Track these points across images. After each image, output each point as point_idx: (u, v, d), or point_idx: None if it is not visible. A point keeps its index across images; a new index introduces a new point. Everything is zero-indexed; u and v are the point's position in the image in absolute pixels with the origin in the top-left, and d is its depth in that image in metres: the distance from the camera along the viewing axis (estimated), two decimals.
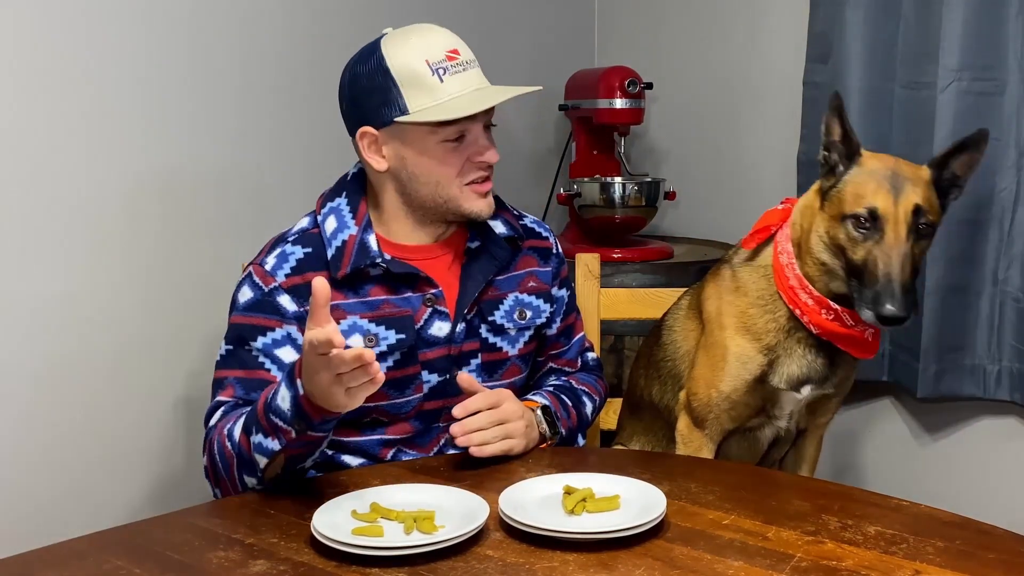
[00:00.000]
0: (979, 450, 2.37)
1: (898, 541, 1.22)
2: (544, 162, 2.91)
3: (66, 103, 1.86)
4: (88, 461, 1.95)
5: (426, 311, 1.55)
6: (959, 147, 1.58)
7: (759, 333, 1.65)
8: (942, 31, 2.12)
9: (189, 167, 2.06)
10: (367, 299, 1.53)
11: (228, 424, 1.42)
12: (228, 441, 1.40)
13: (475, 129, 1.52)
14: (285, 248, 1.54)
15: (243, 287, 1.53)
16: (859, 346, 1.64)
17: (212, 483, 1.48)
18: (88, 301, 1.92)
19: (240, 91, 2.14)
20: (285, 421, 1.32)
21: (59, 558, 1.20)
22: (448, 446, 1.59)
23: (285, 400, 1.31)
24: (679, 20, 2.88)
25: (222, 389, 1.50)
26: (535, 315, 1.67)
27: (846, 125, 1.57)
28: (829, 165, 1.60)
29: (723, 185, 2.80)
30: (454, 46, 1.51)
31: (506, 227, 1.64)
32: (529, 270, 1.68)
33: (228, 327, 1.53)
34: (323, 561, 1.17)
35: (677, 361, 1.81)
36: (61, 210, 1.87)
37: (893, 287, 1.47)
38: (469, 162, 1.53)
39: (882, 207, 1.51)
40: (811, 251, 1.60)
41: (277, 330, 1.50)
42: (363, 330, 1.52)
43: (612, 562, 1.16)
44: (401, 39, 1.52)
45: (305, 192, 2.21)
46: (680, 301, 1.88)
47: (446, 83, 1.48)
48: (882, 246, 1.50)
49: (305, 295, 1.48)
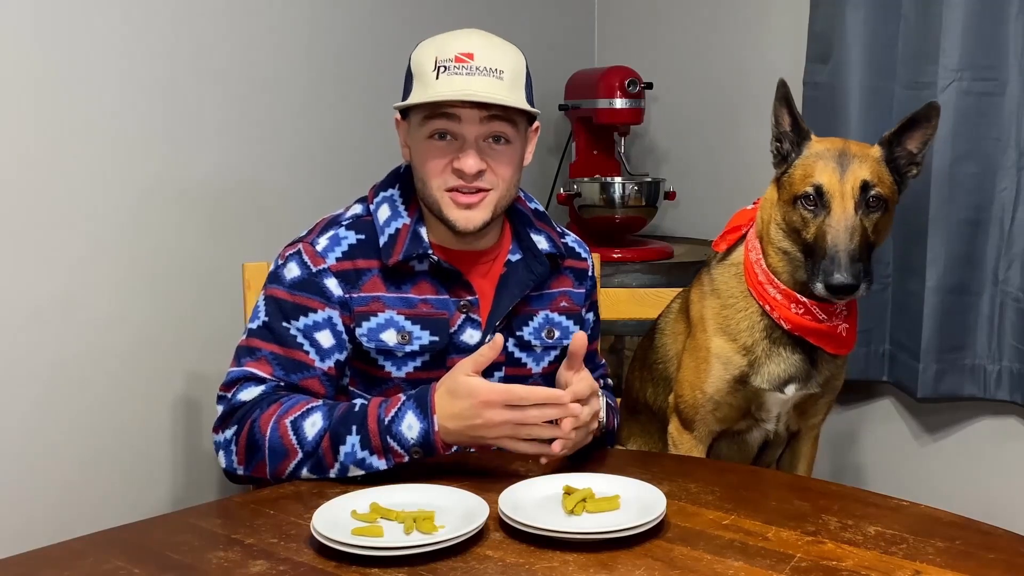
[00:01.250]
0: (979, 450, 2.37)
1: (898, 541, 1.22)
2: (544, 162, 2.91)
3: (68, 106, 1.86)
4: (88, 461, 1.95)
5: (460, 317, 1.55)
6: (909, 123, 1.60)
7: (735, 333, 1.66)
8: (942, 31, 2.12)
9: (190, 169, 2.06)
10: (407, 295, 1.53)
11: (290, 417, 1.40)
12: (291, 433, 1.39)
13: (464, 133, 1.48)
14: (339, 232, 1.54)
15: (290, 263, 1.52)
16: (833, 341, 1.64)
17: (235, 460, 1.45)
18: (89, 303, 1.92)
19: (241, 94, 2.14)
20: (405, 448, 1.37)
21: (59, 558, 1.20)
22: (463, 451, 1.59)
23: (413, 430, 1.37)
24: (679, 20, 2.88)
25: (254, 360, 1.48)
26: (563, 335, 1.65)
27: (794, 112, 1.61)
28: (781, 154, 1.64)
29: (723, 185, 2.80)
30: (471, 51, 1.48)
31: (549, 244, 1.62)
32: (563, 290, 1.66)
33: (266, 299, 1.52)
34: (323, 561, 1.17)
35: (667, 364, 1.82)
36: (63, 212, 1.87)
37: (840, 257, 1.50)
38: (450, 166, 1.50)
39: (827, 183, 1.54)
40: (771, 241, 1.63)
41: (320, 312, 1.49)
42: (398, 326, 1.52)
43: (612, 562, 1.16)
44: (435, 37, 1.53)
45: (306, 193, 2.22)
46: (671, 304, 1.90)
47: (440, 80, 1.47)
48: (829, 220, 1.53)
49: (352, 281, 1.51)
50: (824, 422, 1.84)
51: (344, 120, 2.32)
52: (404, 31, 1.63)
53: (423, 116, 1.49)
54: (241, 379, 1.47)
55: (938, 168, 2.17)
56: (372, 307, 1.52)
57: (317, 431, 1.39)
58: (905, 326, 2.33)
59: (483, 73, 1.47)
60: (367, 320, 1.51)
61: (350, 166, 2.27)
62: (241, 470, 1.45)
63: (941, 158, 2.16)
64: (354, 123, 2.33)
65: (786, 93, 1.61)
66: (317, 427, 1.40)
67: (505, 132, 1.50)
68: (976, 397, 2.27)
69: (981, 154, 2.17)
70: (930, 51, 2.16)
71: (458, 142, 1.49)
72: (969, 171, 2.17)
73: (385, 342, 1.52)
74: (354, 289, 1.51)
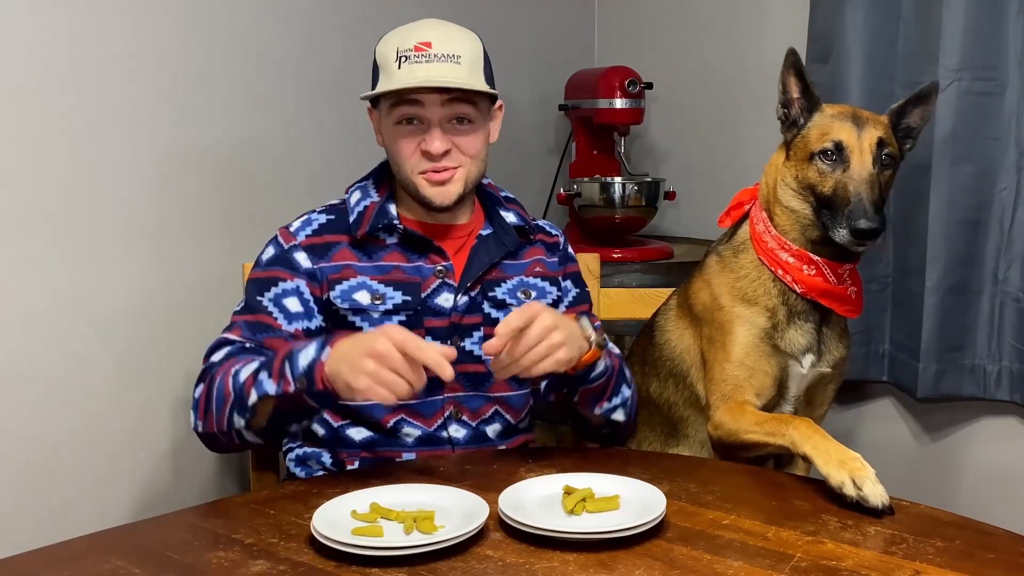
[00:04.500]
0: (979, 450, 2.37)
1: (898, 541, 1.22)
2: (544, 162, 2.91)
3: (65, 103, 1.86)
4: (88, 461, 1.95)
5: (435, 281, 1.63)
6: (915, 99, 1.72)
7: (756, 298, 1.72)
8: (942, 31, 2.12)
9: (190, 168, 2.06)
10: (380, 263, 1.62)
11: (237, 365, 1.48)
12: (231, 379, 1.46)
13: (429, 117, 1.58)
14: (311, 215, 1.67)
15: (268, 248, 1.65)
16: (844, 302, 1.71)
17: (198, 415, 1.53)
18: (89, 302, 1.92)
19: (241, 90, 2.14)
20: (294, 374, 1.39)
21: (59, 558, 1.20)
22: (452, 420, 1.61)
23: (307, 357, 1.39)
24: (679, 20, 2.88)
25: (229, 329, 1.59)
26: (540, 295, 1.71)
27: (806, 79, 1.70)
28: (790, 119, 1.72)
29: (723, 185, 2.78)
30: (428, 39, 1.58)
31: (518, 218, 1.72)
32: (536, 258, 1.75)
33: (247, 282, 1.65)
34: (323, 561, 1.17)
35: (676, 360, 1.83)
36: (62, 211, 1.87)
37: (864, 204, 1.59)
38: (419, 148, 1.59)
39: (847, 139, 1.64)
40: (780, 201, 1.71)
41: (288, 281, 1.60)
42: (371, 288, 1.60)
43: (612, 562, 1.16)
44: (394, 30, 1.64)
45: (306, 193, 2.22)
46: (669, 301, 1.92)
47: (402, 69, 1.57)
48: (849, 172, 1.63)
49: (321, 253, 1.61)
50: (824, 418, 1.84)
51: (347, 119, 2.32)
52: None
53: (390, 104, 1.60)
54: (216, 346, 1.58)
55: (938, 168, 2.17)
56: (344, 273, 1.60)
57: (249, 372, 1.45)
58: (905, 326, 2.33)
59: (441, 60, 1.58)
60: (339, 284, 1.60)
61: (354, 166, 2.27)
62: (200, 425, 1.53)
63: (941, 158, 2.16)
64: (356, 122, 2.33)
65: (796, 61, 1.70)
66: (250, 370, 1.45)
67: (467, 113, 1.61)
68: (976, 397, 2.27)
69: (981, 154, 2.17)
70: (930, 51, 2.16)
71: (424, 125, 1.59)
72: (969, 171, 2.17)
73: (358, 302, 1.59)
74: (323, 260, 1.61)
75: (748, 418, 1.64)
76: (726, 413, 1.68)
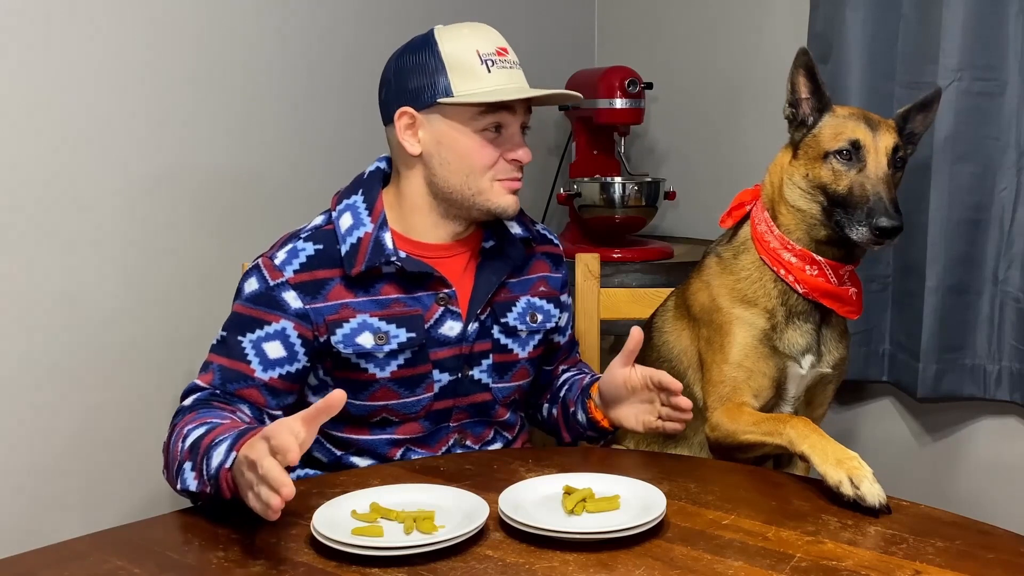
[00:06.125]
0: (979, 450, 2.37)
1: (898, 541, 1.22)
2: (544, 162, 2.91)
3: (67, 103, 1.87)
4: (88, 461, 1.95)
5: (438, 310, 1.56)
6: (920, 105, 1.74)
7: (754, 299, 1.71)
8: (942, 31, 2.12)
9: (190, 168, 2.06)
10: (377, 297, 1.53)
11: (191, 425, 1.38)
12: (181, 442, 1.36)
13: (513, 125, 1.55)
14: (297, 244, 1.53)
15: (250, 277, 1.53)
16: (845, 303, 1.71)
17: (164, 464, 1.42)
18: (88, 302, 1.93)
19: (242, 91, 2.14)
20: (208, 475, 1.28)
21: (59, 558, 1.20)
22: (456, 446, 1.61)
23: (218, 458, 1.27)
24: (679, 20, 2.88)
25: (204, 372, 1.49)
26: (546, 319, 1.69)
27: (817, 80, 1.70)
28: (798, 119, 1.73)
29: (723, 185, 2.79)
30: (504, 45, 1.56)
31: (521, 228, 1.66)
32: (541, 275, 1.71)
33: (230, 313, 1.53)
34: (323, 561, 1.17)
35: (673, 361, 1.83)
36: (62, 210, 1.88)
37: (884, 203, 1.60)
38: (502, 158, 1.55)
39: (863, 138, 1.64)
40: (786, 201, 1.70)
41: (273, 324, 1.49)
42: (373, 328, 1.51)
43: (612, 562, 1.16)
44: (455, 31, 1.56)
45: (306, 192, 2.23)
46: (666, 303, 1.92)
47: (493, 74, 1.52)
48: (866, 172, 1.63)
49: (313, 292, 1.50)
50: (823, 418, 1.84)
51: (346, 119, 2.32)
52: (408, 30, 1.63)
53: (479, 110, 1.52)
54: (189, 392, 1.49)
55: (938, 168, 2.17)
56: (343, 314, 1.50)
57: (191, 440, 1.34)
58: (905, 326, 2.33)
59: (517, 67, 1.57)
60: (340, 327, 1.50)
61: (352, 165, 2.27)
62: (165, 475, 1.42)
63: (941, 158, 2.16)
64: (356, 122, 2.33)
65: (807, 61, 1.70)
66: (192, 438, 1.35)
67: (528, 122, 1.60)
68: (976, 397, 2.27)
69: (981, 154, 2.17)
70: (930, 51, 2.16)
71: (507, 132, 1.55)
72: (969, 171, 2.17)
73: (362, 345, 1.51)
74: (316, 299, 1.50)
75: (745, 419, 1.64)
76: (724, 414, 1.68)
